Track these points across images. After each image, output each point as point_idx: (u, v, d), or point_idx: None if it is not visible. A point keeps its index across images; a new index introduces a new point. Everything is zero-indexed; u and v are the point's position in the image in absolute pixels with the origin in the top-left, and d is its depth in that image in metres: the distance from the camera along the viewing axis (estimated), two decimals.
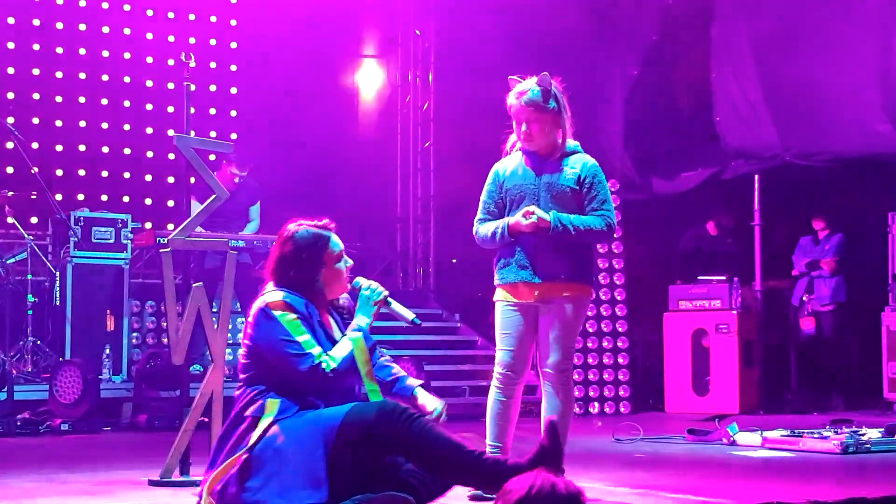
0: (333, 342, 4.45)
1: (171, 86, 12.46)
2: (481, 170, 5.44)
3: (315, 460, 4.14)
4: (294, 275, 4.48)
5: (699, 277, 11.57)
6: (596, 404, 11.30)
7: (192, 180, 6.08)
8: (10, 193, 9.97)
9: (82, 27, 12.38)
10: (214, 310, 6.45)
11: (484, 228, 5.29)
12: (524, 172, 5.25)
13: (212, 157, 10.26)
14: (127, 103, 12.53)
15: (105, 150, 12.40)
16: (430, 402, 4.51)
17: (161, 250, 5.62)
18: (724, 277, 11.35)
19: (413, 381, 4.62)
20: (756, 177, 11.57)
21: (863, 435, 7.30)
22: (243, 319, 10.69)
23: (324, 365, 4.29)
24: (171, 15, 12.79)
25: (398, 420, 4.13)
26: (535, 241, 5.14)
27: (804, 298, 11.65)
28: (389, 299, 4.60)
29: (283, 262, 4.52)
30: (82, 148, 12.27)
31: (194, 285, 5.57)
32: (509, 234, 5.17)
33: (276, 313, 4.37)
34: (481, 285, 12.26)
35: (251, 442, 4.21)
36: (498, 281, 5.29)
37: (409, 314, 4.66)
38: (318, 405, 4.32)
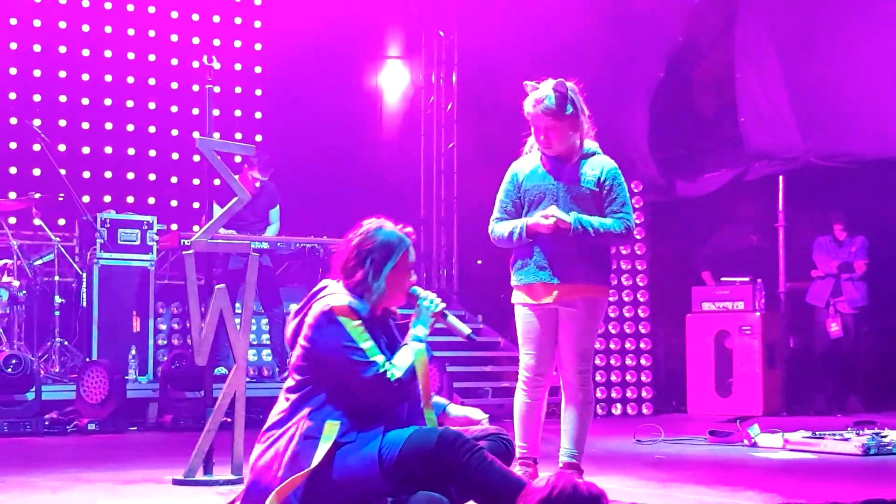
0: (393, 350, 4.34)
1: (195, 88, 12.55)
2: (505, 171, 5.46)
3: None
4: (365, 272, 4.35)
5: (722, 279, 11.56)
6: (618, 405, 11.31)
7: (217, 182, 6.12)
8: (37, 195, 10.06)
9: (108, 29, 12.48)
10: (237, 311, 6.50)
11: (501, 228, 5.31)
12: (543, 174, 5.26)
13: (237, 160, 10.32)
14: (152, 105, 12.63)
15: (131, 152, 12.50)
16: (472, 413, 4.47)
17: (184, 252, 5.67)
18: (747, 279, 11.33)
19: (442, 400, 4.54)
20: (780, 178, 11.56)
21: (885, 437, 7.29)
22: (266, 320, 10.81)
23: (388, 374, 4.17)
24: (195, 17, 12.89)
25: (459, 450, 3.99)
26: (553, 242, 5.15)
27: (830, 301, 11.60)
28: (446, 312, 4.54)
29: (359, 256, 4.37)
30: (108, 150, 12.38)
31: (217, 287, 5.62)
32: (527, 234, 5.18)
33: (341, 318, 4.23)
34: (504, 287, 12.28)
35: (313, 463, 4.07)
36: (515, 282, 5.31)
37: (466, 329, 4.56)
38: (377, 426, 4.18)
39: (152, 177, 12.60)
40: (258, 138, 12.86)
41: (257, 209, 10.34)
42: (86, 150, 12.23)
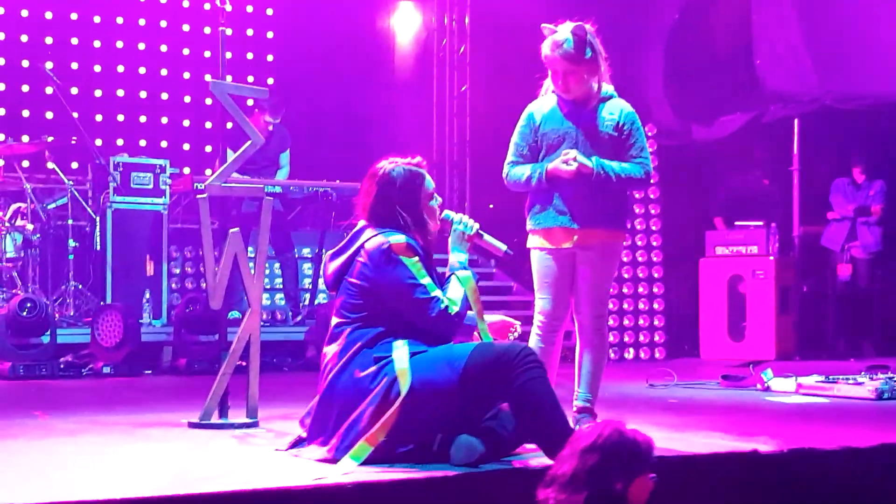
0: (440, 282, 4.47)
1: (207, 30, 12.48)
2: (518, 114, 5.41)
3: (452, 366, 4.23)
4: (394, 213, 4.45)
5: (736, 223, 11.53)
6: (631, 350, 11.33)
7: (230, 125, 6.11)
8: (50, 139, 10.05)
9: None
10: (251, 255, 6.51)
11: (517, 171, 5.26)
12: (561, 117, 5.21)
13: (249, 103, 10.29)
14: (164, 48, 12.58)
15: (143, 95, 12.47)
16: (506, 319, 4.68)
17: (198, 196, 5.66)
18: (761, 223, 11.30)
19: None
20: (796, 121, 11.49)
21: None
22: (278, 264, 10.83)
23: (449, 309, 4.33)
24: None
25: (520, 362, 4.17)
26: (573, 186, 5.11)
27: (845, 245, 11.56)
28: (481, 232, 4.61)
29: (382, 200, 4.48)
30: (121, 93, 12.34)
31: (231, 231, 5.62)
32: (547, 179, 5.15)
33: (402, 256, 4.34)
34: (517, 231, 12.28)
35: (402, 393, 4.19)
36: (533, 226, 5.29)
37: (503, 246, 4.69)
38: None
39: (164, 120, 12.57)
40: (270, 81, 12.82)
41: (269, 153, 10.32)
42: (98, 93, 12.20)
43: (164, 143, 12.35)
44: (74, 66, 12.05)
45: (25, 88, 11.77)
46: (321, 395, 4.44)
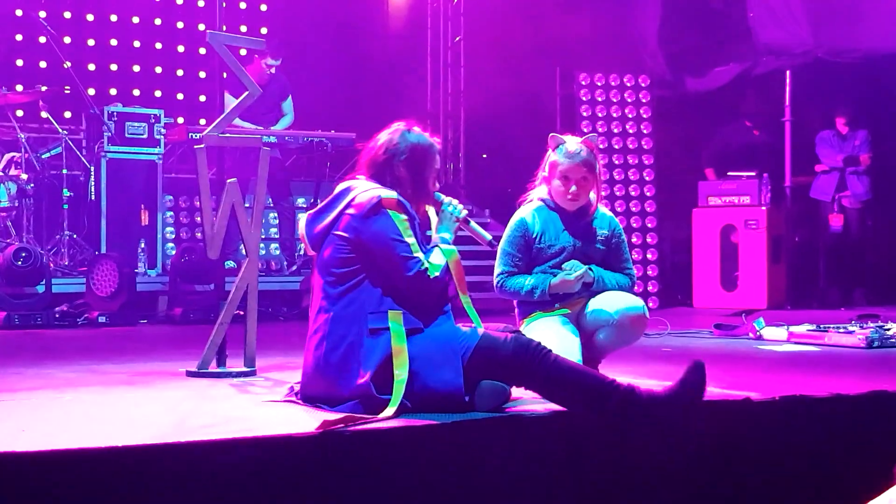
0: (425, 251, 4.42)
1: None
2: (512, 65, 5.43)
3: (455, 368, 4.22)
4: (394, 173, 4.42)
5: (728, 173, 11.57)
6: None
7: (225, 75, 6.11)
8: (44, 88, 10.03)
9: None
10: (247, 205, 6.54)
11: (514, 282, 5.27)
12: (560, 230, 5.26)
13: (242, 52, 10.27)
14: None
15: (136, 44, 12.41)
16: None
17: (195, 146, 5.68)
18: (753, 173, 11.34)
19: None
20: (787, 73, 11.51)
21: (888, 330, 7.36)
22: (274, 214, 10.85)
23: (430, 272, 4.28)
24: None
25: (532, 356, 4.21)
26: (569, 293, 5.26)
27: (835, 196, 11.62)
28: (469, 219, 4.63)
29: (389, 156, 4.44)
30: (114, 42, 12.29)
31: (229, 181, 5.65)
32: (549, 293, 5.21)
33: (390, 211, 4.30)
34: (511, 181, 12.33)
35: (401, 368, 4.17)
36: (524, 315, 5.37)
37: (488, 235, 4.72)
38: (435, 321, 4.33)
39: (158, 69, 12.53)
40: (263, 31, 12.78)
41: (269, 100, 10.31)
42: (91, 42, 12.14)
43: (157, 93, 12.31)
44: (67, 14, 11.99)
45: (19, 37, 11.72)
46: (316, 363, 4.38)
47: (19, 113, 10.53)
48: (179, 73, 12.62)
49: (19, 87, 10.66)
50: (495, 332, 4.36)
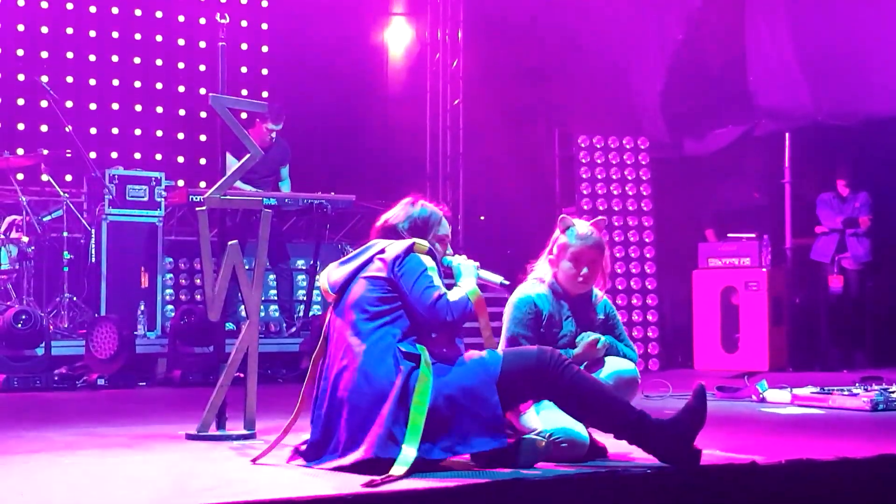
0: None
1: (202, 44, 12.53)
2: (511, 128, 5.42)
3: (492, 407, 4.34)
4: (402, 236, 4.70)
5: (729, 235, 11.58)
6: None
7: (232, 138, 6.13)
8: (45, 152, 10.08)
9: None
10: (247, 267, 6.53)
11: None
12: (565, 316, 5.12)
13: (243, 115, 10.31)
14: (159, 62, 12.62)
15: (138, 108, 12.48)
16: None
17: (197, 209, 5.68)
18: (753, 235, 11.34)
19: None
20: (787, 135, 11.55)
21: (892, 392, 7.31)
22: (273, 276, 10.84)
23: (447, 297, 4.47)
24: None
25: (555, 366, 4.42)
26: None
27: (835, 257, 11.61)
28: (479, 269, 4.83)
29: (393, 227, 4.75)
30: (115, 106, 12.36)
31: (230, 243, 5.64)
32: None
33: (421, 256, 4.57)
34: (510, 242, 12.38)
35: (422, 395, 4.28)
36: None
37: (498, 277, 4.89)
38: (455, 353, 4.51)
39: (159, 133, 12.59)
40: (265, 94, 12.85)
41: (271, 163, 10.34)
42: (93, 106, 12.21)
43: (158, 156, 12.37)
44: (70, 79, 12.07)
45: (21, 102, 11.79)
46: (332, 402, 4.45)
47: (20, 176, 10.58)
48: (180, 136, 12.67)
49: (20, 151, 10.70)
50: (514, 348, 4.67)
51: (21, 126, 11.76)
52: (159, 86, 12.60)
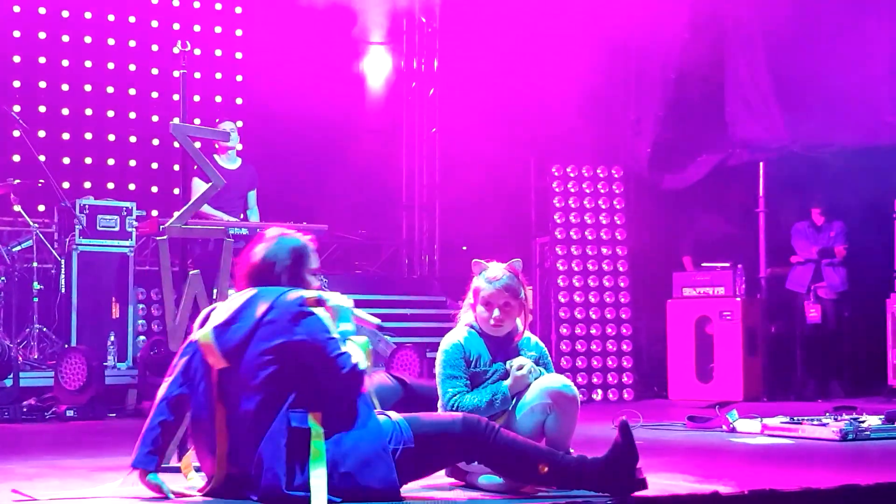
0: None
1: (176, 74, 12.30)
2: (487, 157, 5.39)
3: (387, 465, 4.27)
4: (277, 277, 4.50)
5: (703, 264, 11.57)
6: (599, 391, 11.33)
7: (196, 167, 6.11)
8: (16, 182, 10.03)
9: (88, 15, 12.47)
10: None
11: (470, 401, 4.96)
12: (490, 359, 5.09)
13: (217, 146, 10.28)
14: (133, 91, 12.60)
15: (111, 138, 12.47)
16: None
17: (157, 238, 5.65)
18: (727, 264, 11.35)
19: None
20: (761, 164, 11.58)
21: (862, 422, 7.30)
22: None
23: (359, 365, 4.31)
24: (175, 2, 12.85)
25: (483, 433, 4.41)
26: None
27: (811, 286, 11.61)
28: (353, 309, 4.66)
29: (268, 264, 4.53)
30: (88, 136, 12.35)
31: (191, 273, 5.60)
32: (511, 395, 5.04)
33: (314, 309, 4.34)
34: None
35: (316, 462, 4.17)
36: None
37: (375, 319, 4.84)
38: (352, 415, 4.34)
39: (132, 163, 12.55)
40: (239, 124, 12.81)
41: (239, 187, 10.23)
42: (66, 136, 12.18)
43: (132, 186, 12.33)
44: (42, 109, 12.04)
45: None
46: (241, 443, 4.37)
47: None
48: (154, 166, 12.64)
49: None
50: (430, 415, 4.55)
51: None
52: (133, 115, 12.58)
